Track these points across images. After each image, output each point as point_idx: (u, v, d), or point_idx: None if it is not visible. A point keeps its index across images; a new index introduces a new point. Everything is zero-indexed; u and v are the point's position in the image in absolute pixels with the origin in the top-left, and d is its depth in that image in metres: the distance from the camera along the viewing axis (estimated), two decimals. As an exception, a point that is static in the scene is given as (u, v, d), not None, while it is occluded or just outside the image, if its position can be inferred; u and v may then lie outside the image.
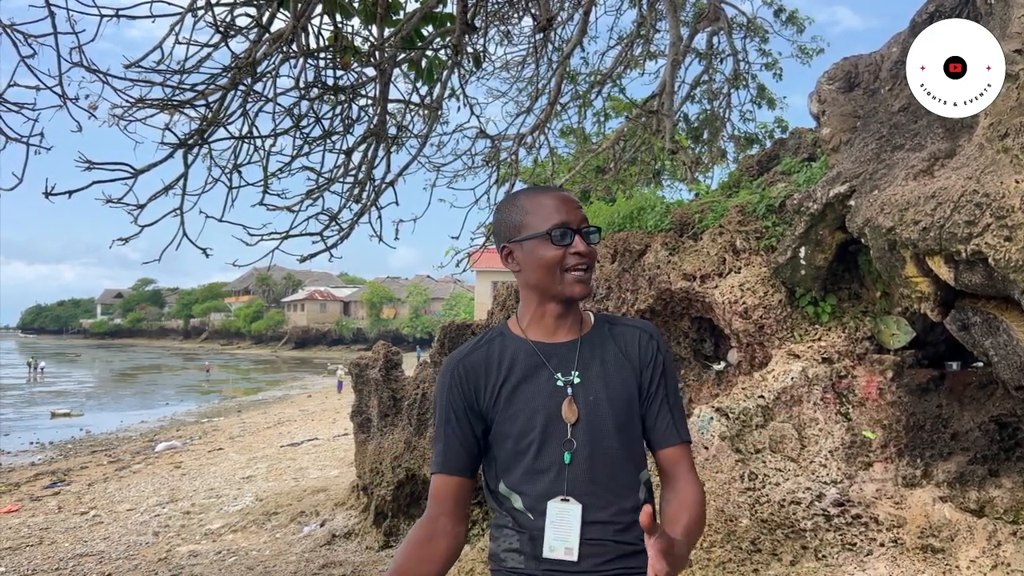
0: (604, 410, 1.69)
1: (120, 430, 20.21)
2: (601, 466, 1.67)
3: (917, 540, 3.81)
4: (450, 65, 5.49)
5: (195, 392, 32.83)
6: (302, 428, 18.13)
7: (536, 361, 1.73)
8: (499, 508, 1.76)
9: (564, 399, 1.69)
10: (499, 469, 1.74)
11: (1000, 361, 3.51)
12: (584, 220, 1.73)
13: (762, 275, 4.78)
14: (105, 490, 11.63)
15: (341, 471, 11.07)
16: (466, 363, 1.76)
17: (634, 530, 1.65)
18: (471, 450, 1.74)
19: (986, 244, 2.81)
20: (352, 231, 5.42)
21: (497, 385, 1.73)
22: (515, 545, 1.70)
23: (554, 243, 1.68)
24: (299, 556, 6.82)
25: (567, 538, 1.63)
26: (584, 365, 1.72)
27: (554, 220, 1.69)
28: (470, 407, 1.73)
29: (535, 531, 1.67)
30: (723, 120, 11.29)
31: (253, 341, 76.44)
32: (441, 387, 1.77)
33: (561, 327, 1.76)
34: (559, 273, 1.69)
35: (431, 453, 1.77)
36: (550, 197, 1.74)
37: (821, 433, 4.22)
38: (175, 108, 4.45)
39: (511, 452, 1.71)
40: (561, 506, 1.65)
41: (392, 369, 7.59)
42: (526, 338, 1.76)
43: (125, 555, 7.58)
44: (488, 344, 1.78)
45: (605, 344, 1.77)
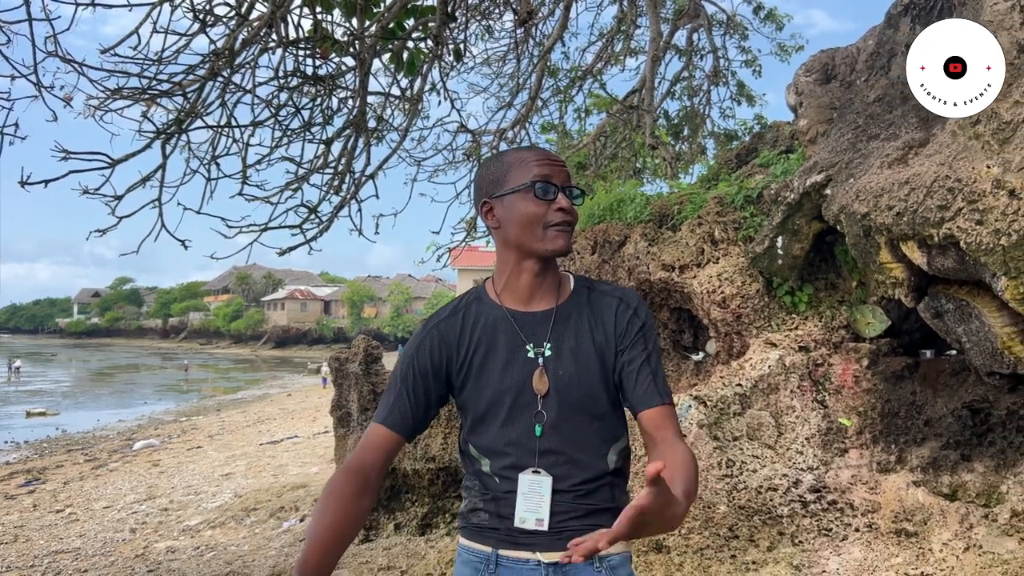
0: (575, 382, 1.68)
1: (97, 429, 20.00)
2: (570, 438, 1.68)
3: (891, 524, 3.86)
4: (431, 58, 5.49)
5: (174, 391, 32.54)
6: (282, 426, 18.05)
7: (509, 329, 1.72)
8: (469, 468, 1.78)
9: (535, 370, 1.68)
10: (468, 432, 1.76)
11: (972, 348, 3.57)
12: (568, 179, 1.70)
13: (740, 265, 4.82)
14: (81, 488, 11.51)
15: (321, 468, 11.03)
16: (442, 327, 1.75)
17: (597, 494, 1.69)
18: (417, 414, 1.71)
19: (958, 228, 2.85)
20: (332, 224, 5.40)
21: (469, 353, 1.72)
22: (479, 504, 1.73)
23: (537, 197, 1.65)
24: (278, 551, 6.79)
25: (538, 509, 1.66)
26: (557, 336, 1.71)
27: (536, 174, 1.67)
28: (435, 371, 1.72)
29: (499, 493, 1.70)
30: (703, 116, 11.37)
31: (233, 340, 75.87)
32: (411, 345, 1.76)
33: (537, 292, 1.73)
34: (540, 228, 1.66)
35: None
36: (534, 153, 1.72)
37: (798, 420, 4.27)
38: (152, 99, 4.42)
39: (480, 418, 1.71)
40: (532, 478, 1.66)
41: (372, 363, 7.55)
42: (501, 304, 1.74)
43: (101, 552, 7.51)
44: (465, 309, 1.76)
45: (581, 313, 1.75)
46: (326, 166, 5.31)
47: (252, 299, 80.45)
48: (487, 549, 1.71)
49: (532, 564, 1.68)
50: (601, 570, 1.69)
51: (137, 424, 21.22)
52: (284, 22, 4.44)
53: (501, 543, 1.70)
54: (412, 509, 6.83)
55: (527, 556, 1.68)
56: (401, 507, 6.94)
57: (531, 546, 1.67)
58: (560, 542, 1.65)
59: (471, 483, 1.78)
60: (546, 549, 1.67)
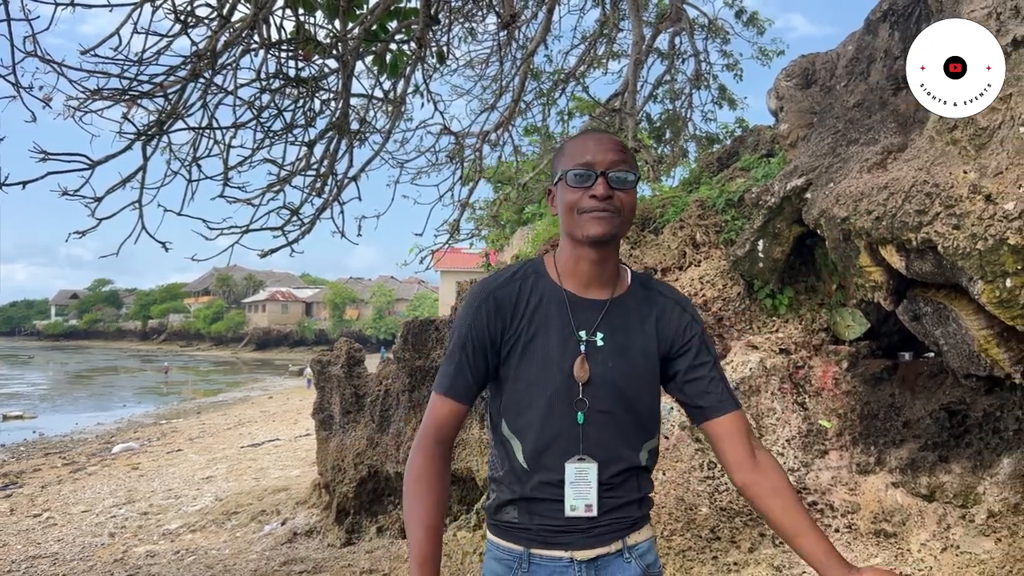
0: (618, 376, 1.67)
1: (75, 432, 19.76)
2: (607, 430, 1.68)
3: (870, 525, 3.90)
4: (414, 60, 5.49)
5: (153, 394, 32.23)
6: (263, 429, 17.93)
7: (562, 311, 1.70)
8: (498, 450, 1.76)
9: (578, 357, 1.67)
10: (504, 408, 1.73)
11: (950, 350, 3.61)
12: (616, 163, 1.65)
13: (721, 268, 4.85)
14: (59, 492, 11.38)
15: (303, 471, 10.98)
16: (498, 295, 1.71)
17: (625, 486, 1.70)
18: (479, 380, 1.71)
19: (936, 232, 2.89)
20: (314, 226, 5.38)
21: (520, 326, 1.69)
22: (509, 501, 1.72)
23: (569, 185, 1.65)
24: (259, 554, 6.75)
25: (587, 495, 1.66)
26: (608, 327, 1.70)
27: (577, 161, 1.65)
28: (492, 340, 1.70)
29: (530, 489, 1.68)
30: (685, 120, 11.43)
31: (213, 343, 75.29)
32: (466, 314, 1.72)
33: (595, 280, 1.72)
34: (576, 215, 1.65)
35: (437, 373, 1.74)
36: (585, 139, 1.71)
37: (779, 422, 4.30)
38: (133, 100, 4.38)
39: (520, 396, 1.69)
40: (579, 466, 1.66)
41: (355, 366, 7.54)
42: (560, 285, 1.72)
43: (80, 556, 7.44)
44: (523, 280, 1.73)
45: (637, 310, 1.74)
46: (308, 168, 5.29)
47: (233, 301, 79.88)
48: (519, 548, 1.70)
49: (565, 562, 1.68)
50: (631, 560, 1.70)
51: (116, 427, 21.00)
52: (266, 23, 4.42)
53: (532, 542, 1.69)
54: (395, 512, 6.82)
55: (560, 554, 1.68)
56: (384, 510, 6.93)
57: (565, 545, 1.67)
58: (591, 539, 1.67)
59: (499, 474, 1.75)
60: (579, 547, 1.67)
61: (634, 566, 1.70)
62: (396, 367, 6.68)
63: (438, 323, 6.55)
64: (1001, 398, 3.80)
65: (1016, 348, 3.24)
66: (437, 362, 6.18)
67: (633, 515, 1.71)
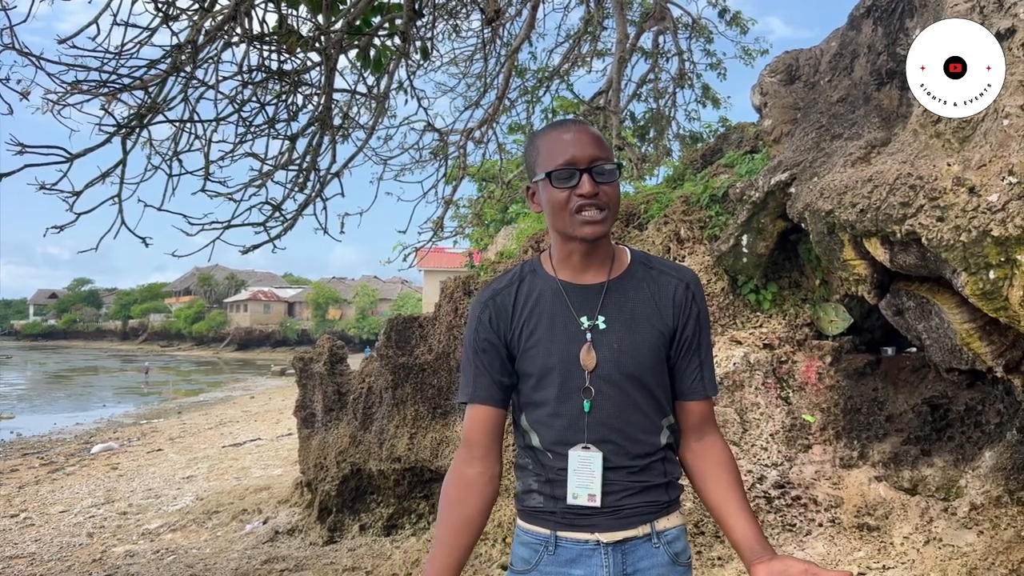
0: (625, 358, 1.67)
1: (54, 432, 19.49)
2: (621, 414, 1.68)
3: (854, 519, 3.91)
4: (398, 55, 5.45)
5: (133, 394, 31.88)
6: (245, 429, 17.78)
7: (561, 301, 1.71)
8: (520, 442, 1.78)
9: (584, 344, 1.67)
10: (523, 403, 1.76)
11: (932, 344, 3.63)
12: (596, 157, 1.64)
13: (705, 263, 4.86)
14: (37, 492, 11.22)
15: (284, 470, 10.89)
16: (498, 299, 1.76)
17: (650, 469, 1.70)
18: (502, 380, 1.73)
19: (920, 225, 2.90)
20: (296, 222, 5.33)
21: (522, 323, 1.72)
22: (534, 486, 1.73)
23: (554, 185, 1.64)
24: (241, 553, 6.68)
25: (589, 485, 1.66)
26: (609, 310, 1.70)
27: (558, 160, 1.64)
28: (500, 342, 1.73)
29: (552, 473, 1.70)
30: (669, 118, 11.46)
31: (194, 342, 74.63)
32: (471, 322, 1.78)
33: (590, 267, 1.72)
34: (568, 215, 1.64)
35: (459, 384, 1.78)
36: (561, 132, 1.69)
37: (762, 417, 4.31)
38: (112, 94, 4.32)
39: (532, 390, 1.72)
40: (583, 454, 1.66)
41: (337, 363, 7.49)
42: (555, 276, 1.74)
43: (58, 556, 7.33)
44: (520, 281, 1.77)
45: (638, 288, 1.73)
46: (291, 163, 5.24)
47: (214, 300, 79.29)
48: (545, 531, 1.71)
49: (592, 544, 1.67)
50: (659, 545, 1.69)
51: (95, 427, 20.74)
52: (248, 16, 4.38)
53: (559, 525, 1.70)
54: (378, 510, 6.78)
55: (586, 537, 1.68)
56: (366, 508, 6.88)
57: (590, 527, 1.67)
58: (618, 521, 1.67)
59: (523, 461, 1.77)
60: (605, 529, 1.67)
61: (662, 552, 1.69)
62: (379, 364, 6.63)
63: (422, 320, 6.51)
64: (983, 392, 3.82)
65: (998, 341, 3.26)
66: (420, 359, 6.15)
67: (660, 499, 1.71)
